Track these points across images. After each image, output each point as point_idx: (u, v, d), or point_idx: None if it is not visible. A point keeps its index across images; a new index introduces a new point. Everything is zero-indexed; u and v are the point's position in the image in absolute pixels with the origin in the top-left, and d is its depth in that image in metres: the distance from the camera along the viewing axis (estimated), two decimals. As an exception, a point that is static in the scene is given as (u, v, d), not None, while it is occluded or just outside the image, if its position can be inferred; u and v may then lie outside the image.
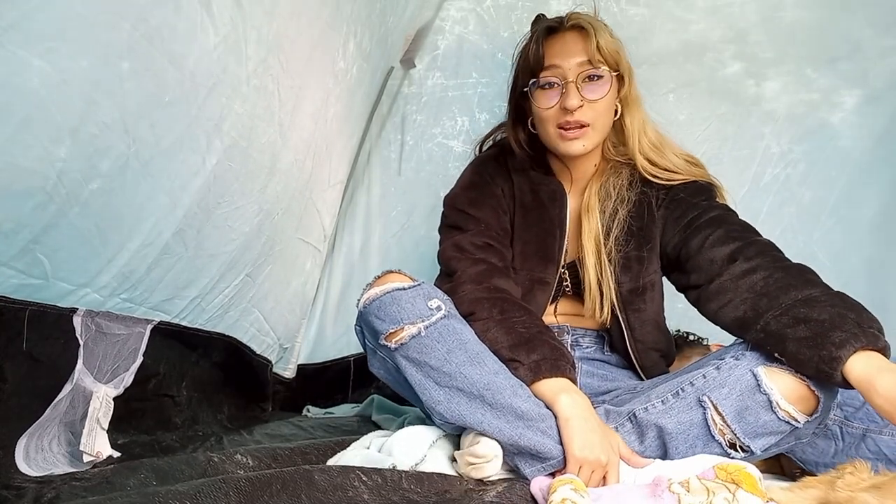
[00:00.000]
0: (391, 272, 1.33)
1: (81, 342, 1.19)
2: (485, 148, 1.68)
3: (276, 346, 1.92)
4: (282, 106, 1.40)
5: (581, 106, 1.41)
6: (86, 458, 1.18)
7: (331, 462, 1.27)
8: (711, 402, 1.21)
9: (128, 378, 1.31)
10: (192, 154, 1.20)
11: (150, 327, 1.35)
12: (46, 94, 0.92)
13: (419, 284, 1.29)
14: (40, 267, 1.07)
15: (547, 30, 1.46)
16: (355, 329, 1.35)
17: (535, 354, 1.24)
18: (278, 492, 0.97)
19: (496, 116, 2.16)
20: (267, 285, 1.70)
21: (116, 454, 1.25)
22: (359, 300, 1.31)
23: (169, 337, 1.42)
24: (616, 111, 1.49)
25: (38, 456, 1.13)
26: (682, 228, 1.44)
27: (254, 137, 1.35)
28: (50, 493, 1.01)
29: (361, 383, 2.14)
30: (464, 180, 1.57)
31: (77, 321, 1.17)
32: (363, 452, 1.29)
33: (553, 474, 1.19)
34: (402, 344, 1.23)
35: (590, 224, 1.49)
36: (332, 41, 1.56)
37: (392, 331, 1.24)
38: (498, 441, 1.19)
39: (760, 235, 1.38)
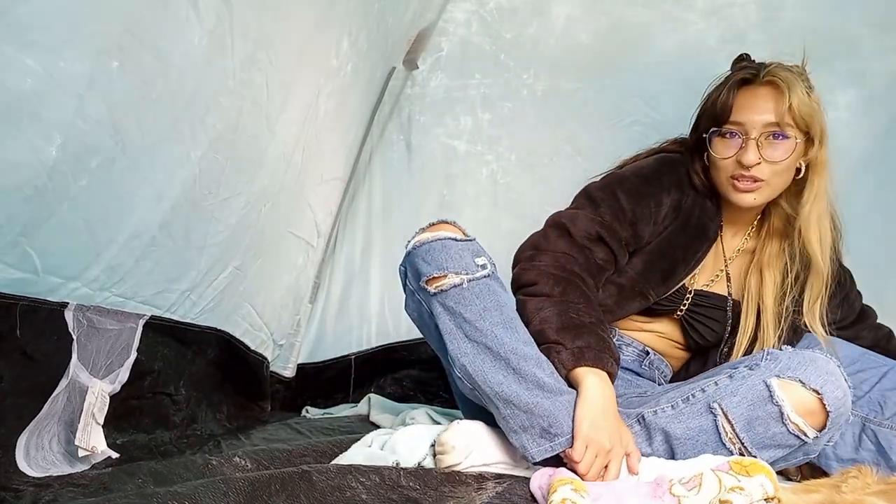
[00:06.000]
0: (445, 222, 1.32)
1: (74, 337, 1.19)
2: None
3: (271, 342, 1.92)
4: (270, 100, 1.41)
5: (758, 164, 1.37)
6: (81, 453, 1.18)
7: (334, 462, 1.27)
8: (722, 409, 1.20)
9: (123, 374, 1.31)
10: (177, 146, 1.21)
11: (141, 322, 1.34)
12: (31, 89, 0.92)
13: (471, 240, 1.29)
14: (30, 261, 1.08)
15: (741, 81, 1.41)
16: (399, 269, 1.33)
17: (580, 341, 1.24)
18: (277, 492, 0.97)
19: (499, 117, 2.18)
20: (258, 279, 1.70)
21: (115, 455, 1.25)
22: (409, 242, 1.30)
23: (162, 333, 1.42)
24: (799, 170, 1.43)
25: (38, 455, 1.13)
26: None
27: (240, 130, 1.35)
28: (48, 496, 1.02)
29: (362, 383, 2.14)
30: (642, 168, 1.49)
31: (69, 316, 1.17)
32: (366, 451, 1.30)
33: (558, 458, 1.19)
34: (441, 290, 1.23)
35: (773, 280, 1.48)
36: (324, 38, 1.57)
37: (435, 276, 1.23)
38: (514, 404, 1.19)
39: None
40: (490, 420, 1.27)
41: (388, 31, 1.89)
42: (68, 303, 1.17)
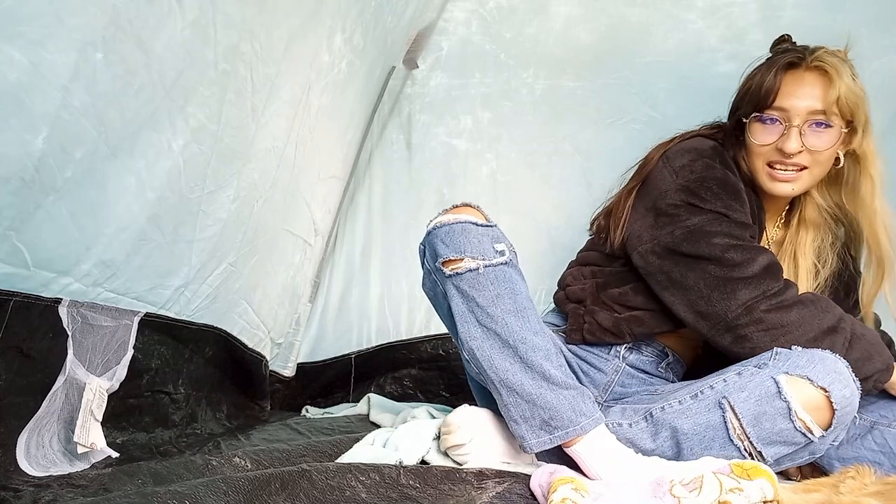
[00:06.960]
0: (468, 205, 1.32)
1: (69, 333, 1.18)
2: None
3: (269, 341, 1.92)
4: (255, 92, 1.41)
5: (800, 152, 1.34)
6: (80, 450, 1.18)
7: (335, 461, 1.27)
8: (730, 404, 1.21)
9: (121, 371, 1.31)
10: (157, 135, 1.21)
11: (137, 319, 1.34)
12: (17, 81, 0.93)
13: (492, 226, 1.29)
14: (20, 256, 1.07)
15: (787, 65, 1.36)
16: (419, 248, 1.35)
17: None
18: (277, 491, 0.97)
19: (499, 116, 2.18)
20: (254, 277, 1.70)
21: (115, 454, 1.24)
22: (430, 221, 1.31)
23: (159, 331, 1.42)
24: (838, 159, 1.40)
25: (38, 453, 1.13)
26: None
27: (224, 121, 1.35)
28: (48, 496, 1.02)
29: (362, 382, 2.14)
30: (706, 169, 1.38)
31: (63, 312, 1.17)
32: (368, 449, 1.31)
33: (559, 454, 1.19)
34: (456, 273, 1.24)
35: (807, 269, 1.46)
36: (314, 33, 1.56)
37: (452, 258, 1.25)
38: (517, 393, 1.20)
39: None
40: (499, 410, 1.27)
41: (386, 29, 1.89)
42: (62, 299, 1.17)
